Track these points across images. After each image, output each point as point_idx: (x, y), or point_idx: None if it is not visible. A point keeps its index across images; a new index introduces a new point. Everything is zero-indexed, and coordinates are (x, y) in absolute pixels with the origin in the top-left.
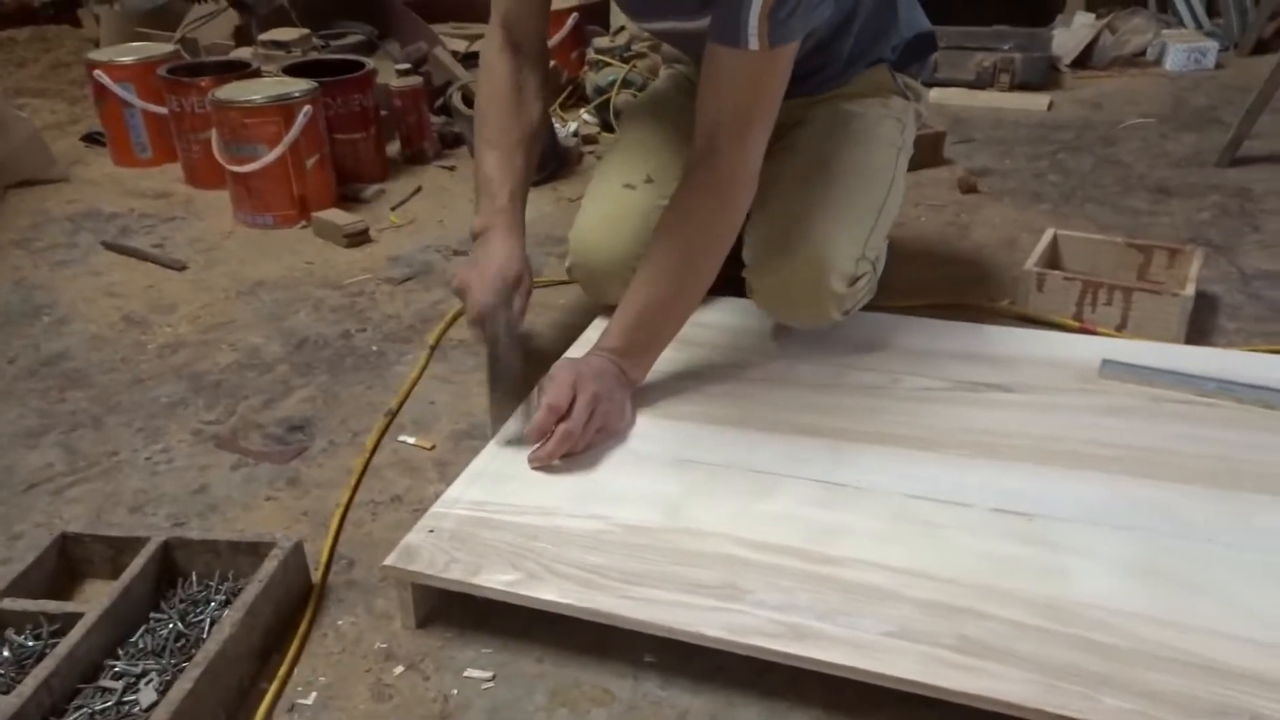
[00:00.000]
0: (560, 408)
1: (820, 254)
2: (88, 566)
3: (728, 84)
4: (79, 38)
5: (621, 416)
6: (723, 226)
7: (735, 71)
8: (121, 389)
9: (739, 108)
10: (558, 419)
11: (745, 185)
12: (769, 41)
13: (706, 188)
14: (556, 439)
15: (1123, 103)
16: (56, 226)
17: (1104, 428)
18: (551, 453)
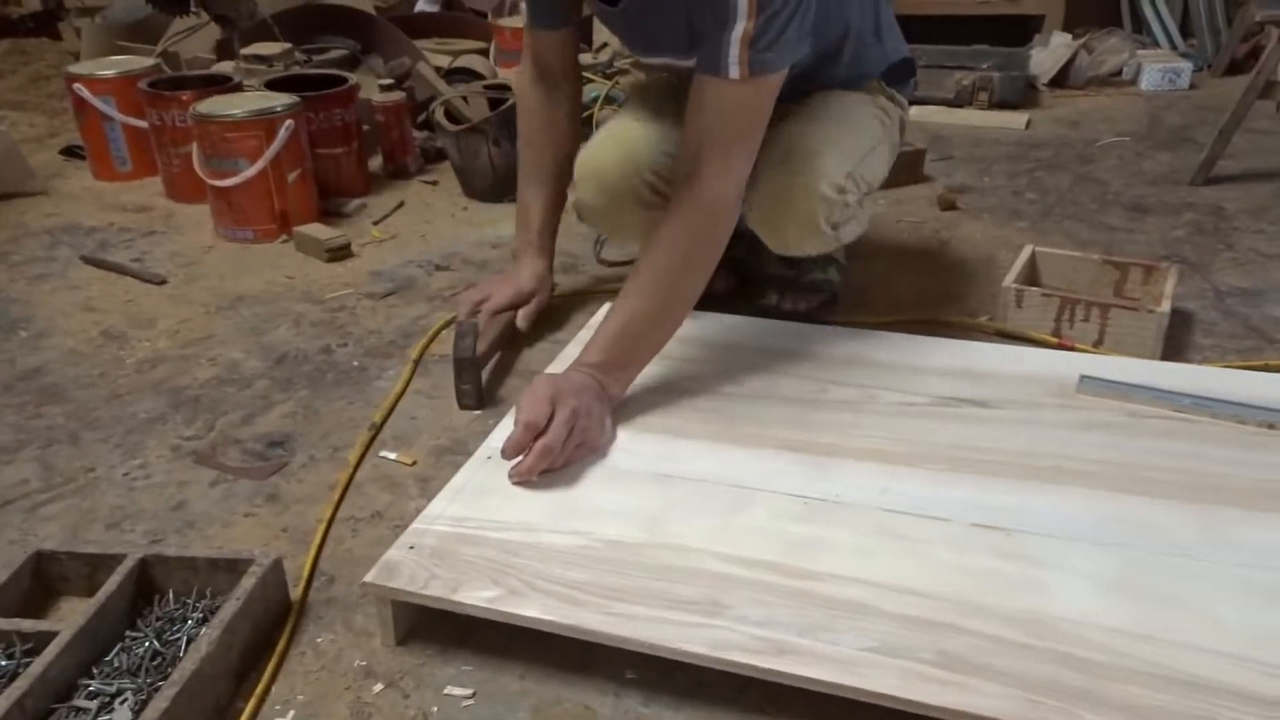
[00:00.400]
0: (537, 424)
1: (810, 160)
2: (63, 584)
3: (711, 111)
4: (59, 51)
5: (602, 432)
6: (707, 247)
7: (718, 99)
8: (99, 404)
9: (723, 134)
10: (535, 435)
11: (729, 207)
12: (749, 70)
13: (691, 209)
14: (535, 455)
15: (1099, 121)
16: (34, 240)
17: (1082, 443)
18: (531, 468)
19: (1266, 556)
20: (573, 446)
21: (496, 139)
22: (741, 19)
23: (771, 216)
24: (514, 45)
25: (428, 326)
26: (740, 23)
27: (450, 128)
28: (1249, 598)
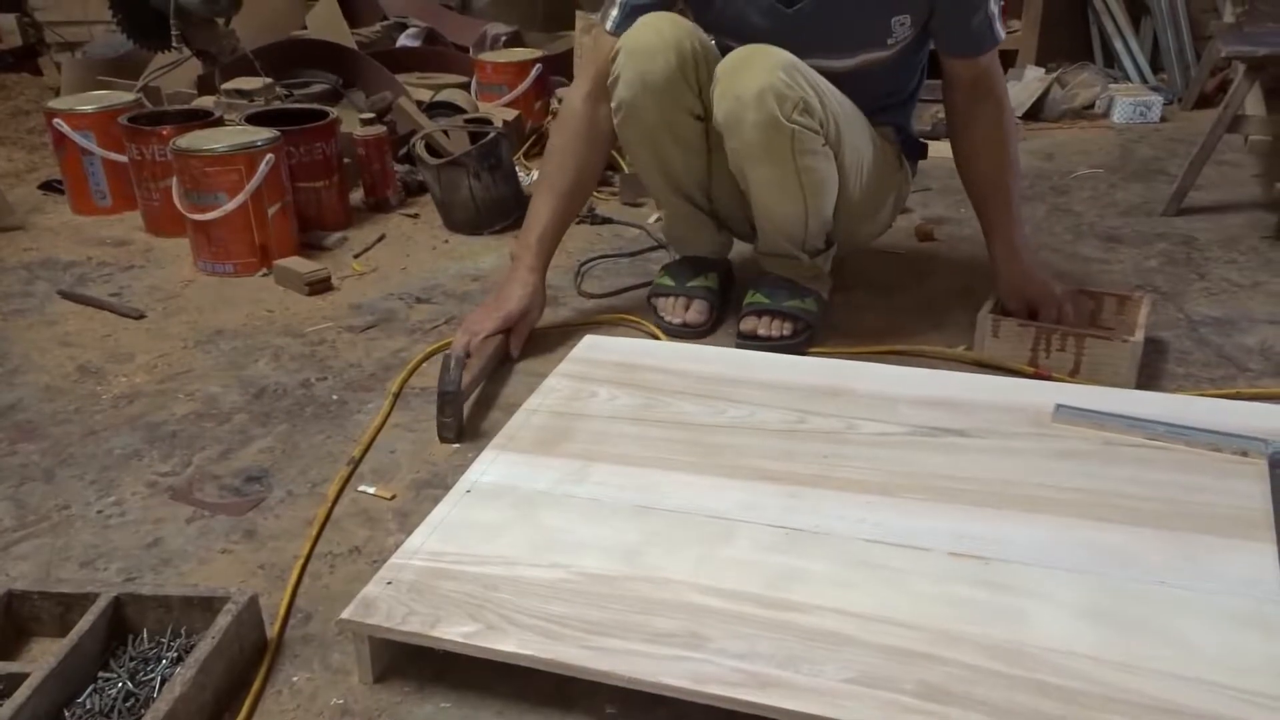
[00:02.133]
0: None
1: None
2: (35, 625)
3: (983, 72)
4: (40, 86)
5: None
6: (1015, 124)
7: (987, 65)
8: (74, 440)
9: (990, 73)
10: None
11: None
12: (998, 39)
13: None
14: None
15: (1073, 153)
16: (12, 275)
17: (1058, 471)
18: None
19: (1242, 584)
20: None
21: (477, 172)
22: (982, 5)
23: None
24: (494, 79)
25: (408, 359)
26: (982, 8)
27: (431, 161)
28: (1226, 625)
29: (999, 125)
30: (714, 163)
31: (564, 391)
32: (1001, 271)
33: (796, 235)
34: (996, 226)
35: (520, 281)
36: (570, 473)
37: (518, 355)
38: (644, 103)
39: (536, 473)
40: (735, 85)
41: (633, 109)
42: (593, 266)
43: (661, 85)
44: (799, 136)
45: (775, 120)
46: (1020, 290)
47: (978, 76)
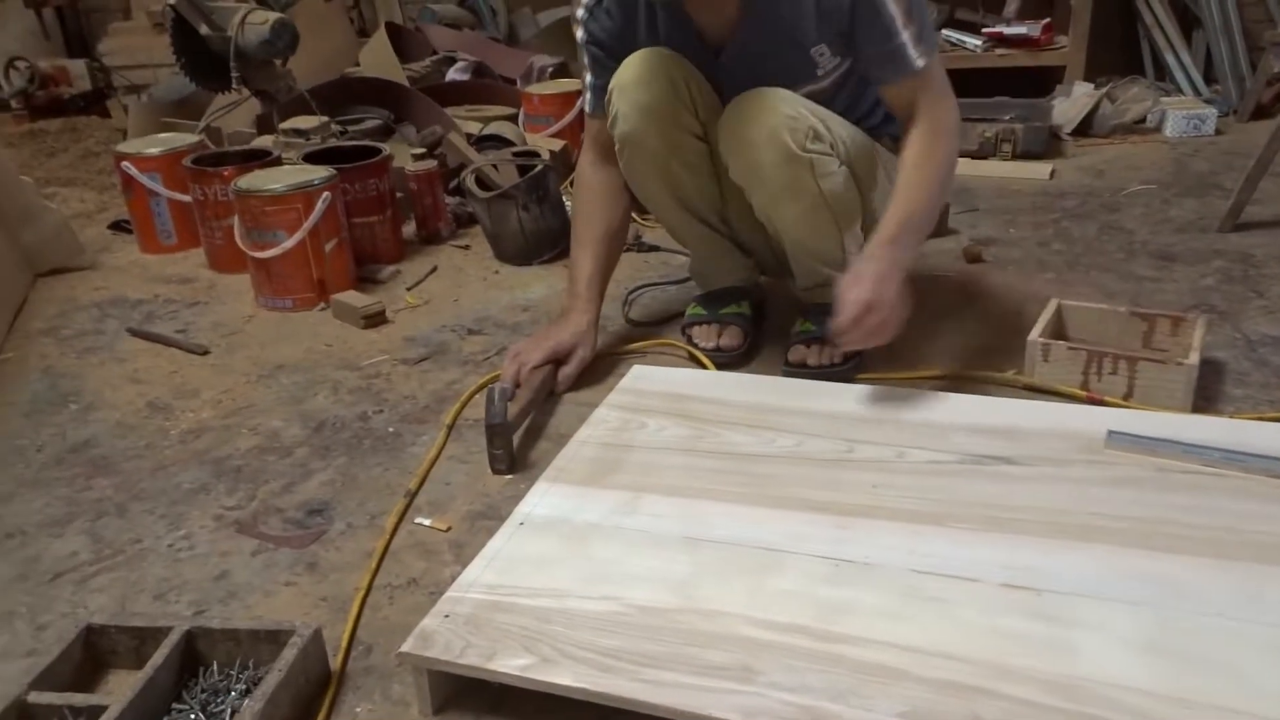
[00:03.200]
0: (879, 301)
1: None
2: (112, 657)
3: (911, 96)
4: (108, 128)
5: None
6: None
7: (914, 89)
8: (145, 476)
9: (926, 96)
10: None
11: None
12: (925, 59)
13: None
14: (874, 321)
15: (1124, 169)
16: (84, 314)
17: (1111, 500)
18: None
19: None
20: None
21: (525, 204)
22: (902, 28)
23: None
24: (541, 110)
25: (461, 391)
26: (903, 31)
27: (481, 194)
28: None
29: (925, 154)
30: (724, 186)
31: (613, 423)
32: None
33: (835, 259)
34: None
35: (573, 322)
36: (621, 504)
37: (563, 391)
38: (645, 129)
39: (587, 505)
40: (744, 134)
41: (636, 139)
42: (640, 294)
43: (659, 109)
44: (817, 163)
45: (792, 154)
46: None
47: (906, 103)
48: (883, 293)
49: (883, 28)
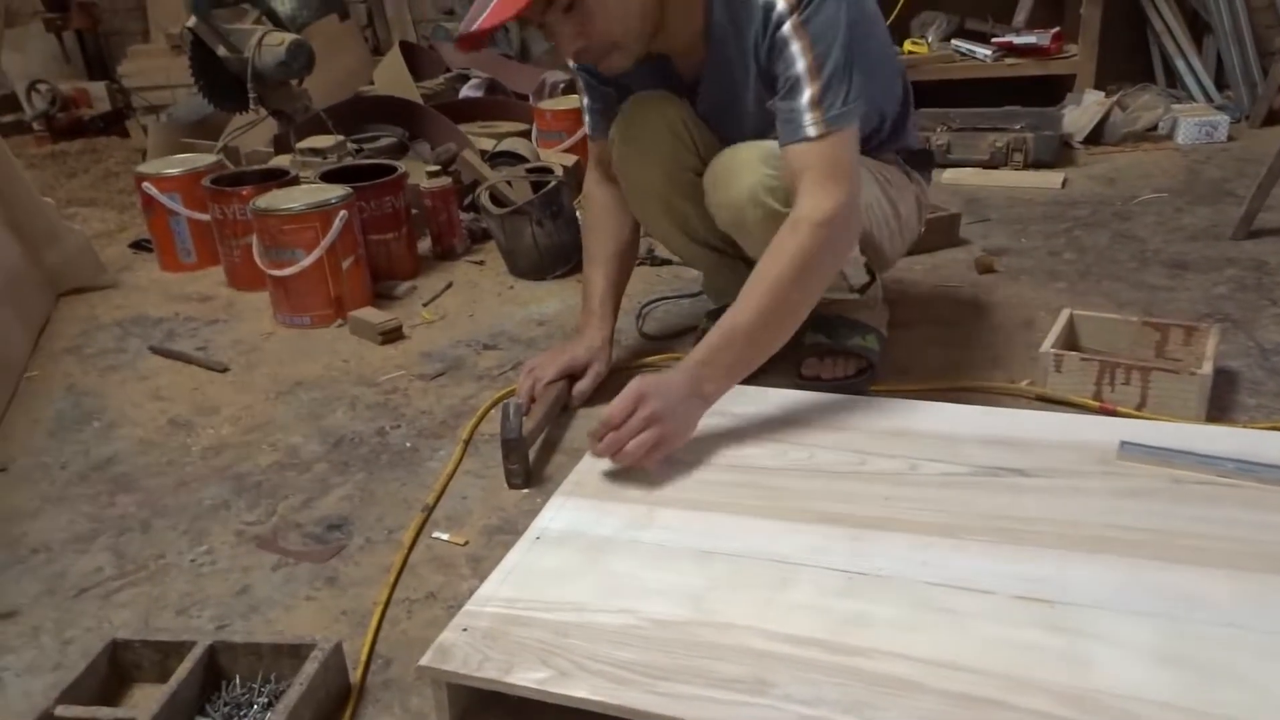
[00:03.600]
0: (613, 422)
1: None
2: (137, 671)
3: (801, 168)
4: (128, 148)
5: (683, 434)
6: (811, 263)
7: (805, 159)
8: (167, 492)
9: (817, 175)
10: (612, 429)
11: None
12: (825, 128)
13: (794, 227)
14: (604, 443)
15: (1136, 178)
16: (106, 333)
17: (1125, 511)
18: (599, 452)
19: None
20: (647, 445)
21: (539, 220)
22: (807, 86)
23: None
24: (554, 126)
25: (477, 406)
26: (806, 90)
27: (495, 211)
28: None
29: (771, 256)
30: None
31: None
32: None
33: (838, 284)
34: (700, 344)
35: (587, 338)
36: (635, 518)
37: (578, 406)
38: (649, 174)
39: (603, 518)
40: (727, 194)
41: (640, 183)
42: (654, 308)
43: (661, 152)
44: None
45: (774, 212)
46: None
47: (791, 176)
48: (660, 402)
49: (790, 80)
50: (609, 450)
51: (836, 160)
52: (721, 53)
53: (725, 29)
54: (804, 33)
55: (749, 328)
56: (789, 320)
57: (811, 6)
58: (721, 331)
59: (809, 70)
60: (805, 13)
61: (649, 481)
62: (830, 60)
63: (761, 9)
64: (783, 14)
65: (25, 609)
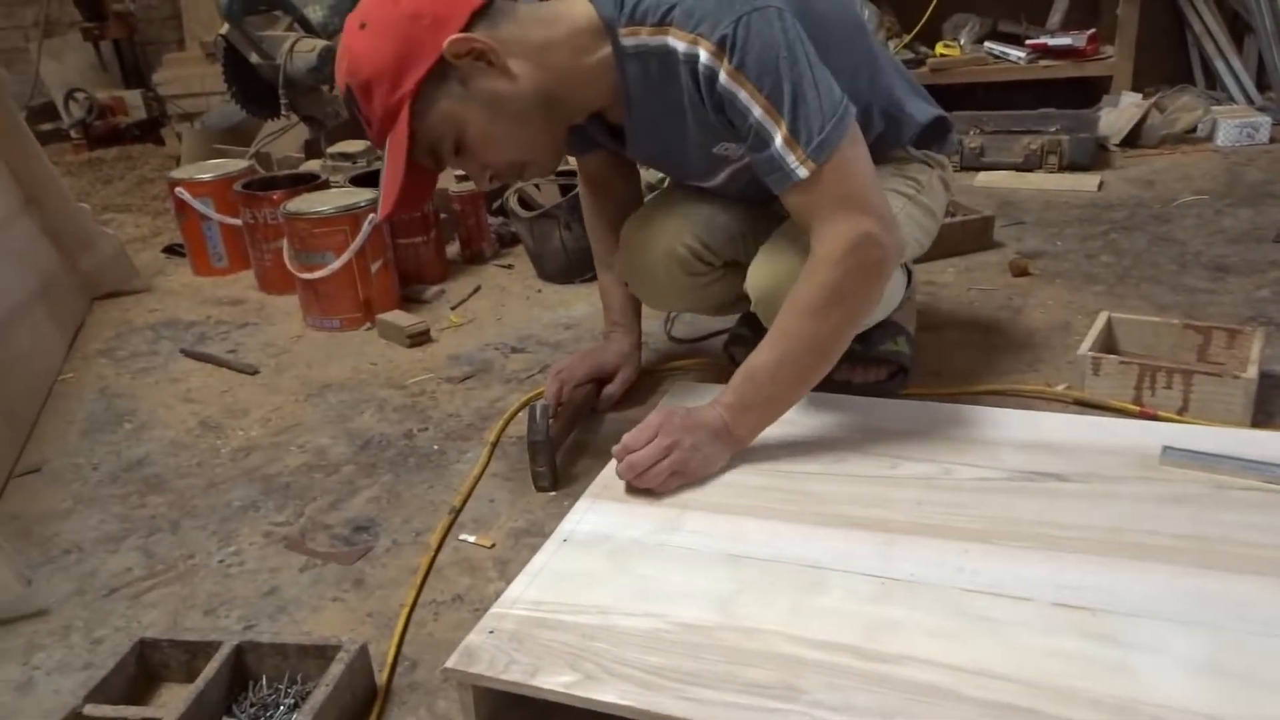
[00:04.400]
0: (630, 447)
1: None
2: (165, 671)
3: (808, 209)
4: (162, 155)
5: (705, 467)
6: (839, 301)
7: (808, 198)
8: (197, 493)
9: (829, 210)
10: (631, 469)
11: (859, 261)
12: (815, 163)
13: (817, 266)
14: (622, 465)
15: (1175, 180)
16: (139, 335)
17: (1167, 517)
18: (619, 474)
19: None
20: (665, 473)
21: (568, 223)
22: (774, 131)
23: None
24: None
25: (504, 409)
26: (775, 135)
27: (524, 214)
28: None
29: (793, 298)
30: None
31: None
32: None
33: None
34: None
35: (615, 342)
36: (663, 521)
37: (606, 409)
38: (674, 303)
39: (630, 522)
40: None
41: (667, 306)
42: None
43: (682, 290)
44: None
45: None
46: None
47: (800, 218)
48: (681, 435)
49: (753, 130)
50: (626, 474)
51: (843, 192)
52: (643, 112)
53: (643, 89)
54: (743, 78)
55: (774, 370)
56: (821, 356)
57: (739, 47)
58: (748, 374)
59: (767, 113)
60: (735, 57)
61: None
62: (785, 89)
63: (684, 64)
64: (711, 67)
65: (56, 608)
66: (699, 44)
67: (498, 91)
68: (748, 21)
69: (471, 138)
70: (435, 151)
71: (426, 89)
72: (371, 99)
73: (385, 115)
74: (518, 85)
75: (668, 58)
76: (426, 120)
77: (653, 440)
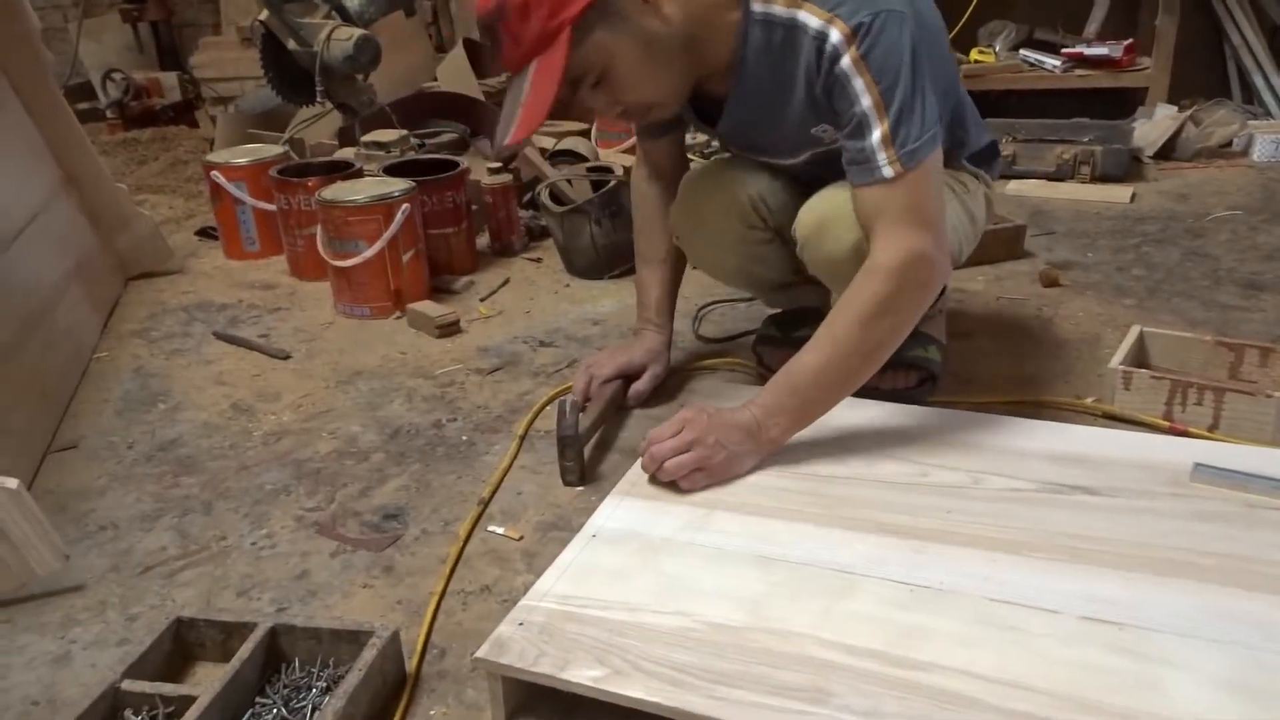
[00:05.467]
0: (656, 439)
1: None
2: (199, 650)
3: (876, 209)
4: (196, 137)
5: (730, 468)
6: (886, 311)
7: (881, 201)
8: (230, 475)
9: (895, 218)
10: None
11: (911, 275)
12: (902, 167)
13: (871, 274)
14: (645, 456)
15: (1209, 194)
16: (172, 317)
17: (1197, 534)
18: (643, 466)
19: None
20: (687, 467)
21: (598, 219)
22: (875, 125)
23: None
24: (613, 127)
25: (533, 402)
26: (876, 129)
27: (555, 209)
28: None
29: (843, 303)
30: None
31: None
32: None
33: None
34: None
35: (645, 339)
36: (692, 520)
37: (634, 406)
38: (722, 259)
39: (659, 519)
40: (824, 250)
41: (713, 263)
42: (710, 310)
43: (734, 242)
44: None
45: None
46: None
47: (866, 218)
48: (706, 431)
49: (856, 119)
50: (649, 465)
51: (917, 203)
52: (754, 81)
53: (760, 58)
54: (864, 67)
55: (816, 373)
56: (862, 365)
57: (870, 36)
58: (788, 376)
59: (875, 107)
60: (864, 44)
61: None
62: (898, 91)
63: (813, 40)
64: (838, 47)
65: (92, 584)
66: (833, 24)
67: (652, 30)
68: (884, 19)
69: (618, 72)
70: (576, 81)
71: (589, 17)
72: (528, 19)
73: (540, 38)
74: (670, 27)
75: (794, 31)
76: (580, 49)
77: (678, 434)
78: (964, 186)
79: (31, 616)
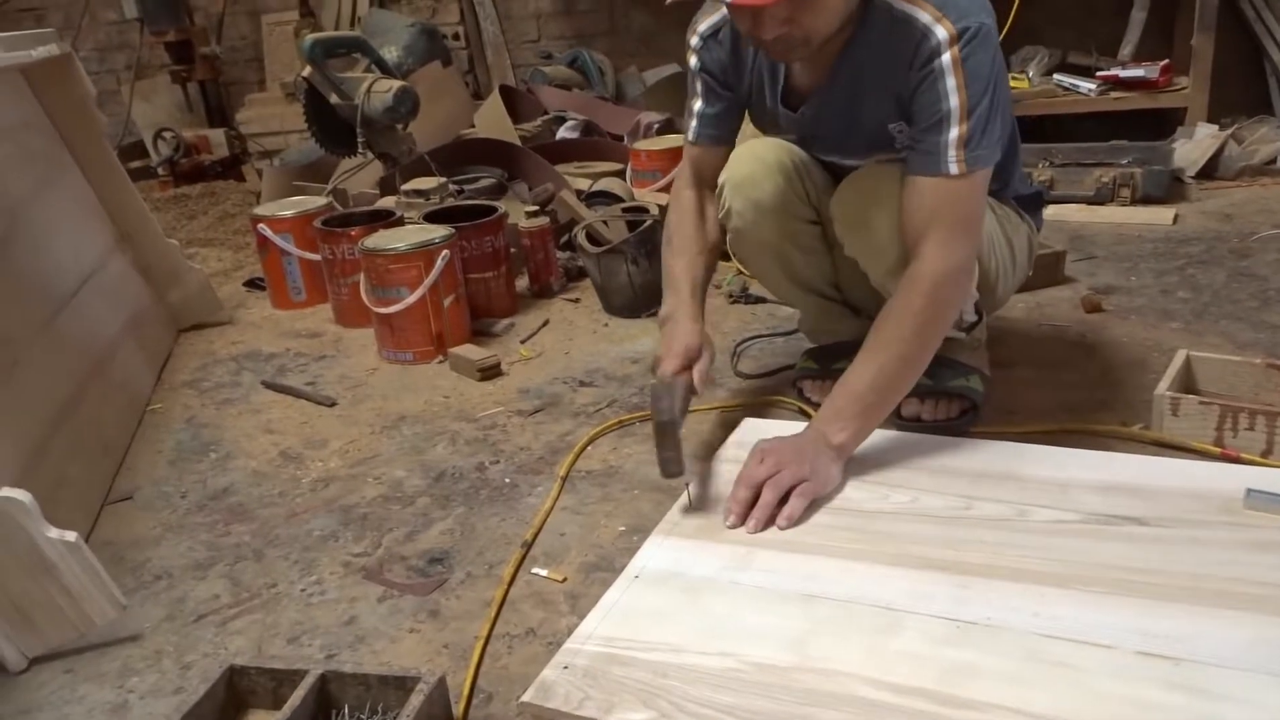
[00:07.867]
0: (750, 479)
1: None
2: (252, 697)
3: (931, 205)
4: (243, 190)
5: (820, 475)
6: (933, 322)
7: (938, 194)
8: (279, 522)
9: (946, 221)
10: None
11: (954, 285)
12: (966, 167)
13: (916, 286)
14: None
15: (1255, 213)
16: (222, 367)
17: (1253, 564)
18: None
19: None
20: (785, 487)
21: (635, 258)
22: (955, 124)
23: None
24: (648, 166)
25: (573, 442)
26: (955, 127)
27: (591, 250)
28: None
29: (895, 315)
30: (836, 256)
31: (725, 476)
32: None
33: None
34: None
35: (685, 329)
36: (735, 559)
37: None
38: (761, 224)
39: (702, 559)
40: (864, 240)
41: (750, 234)
42: (748, 347)
43: (776, 205)
44: None
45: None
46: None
47: (917, 216)
48: (785, 456)
49: (937, 112)
50: (741, 495)
51: (969, 210)
52: (854, 66)
53: (870, 44)
54: (959, 69)
55: (873, 383)
56: (910, 374)
57: (973, 43)
58: (845, 388)
59: (961, 108)
60: (966, 48)
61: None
62: (981, 103)
63: (920, 30)
64: (942, 43)
65: (148, 633)
66: (942, 22)
67: None
68: (988, 31)
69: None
70: None
71: None
72: None
73: None
74: None
75: (904, 24)
76: None
77: (761, 464)
78: (1005, 215)
79: (91, 666)
